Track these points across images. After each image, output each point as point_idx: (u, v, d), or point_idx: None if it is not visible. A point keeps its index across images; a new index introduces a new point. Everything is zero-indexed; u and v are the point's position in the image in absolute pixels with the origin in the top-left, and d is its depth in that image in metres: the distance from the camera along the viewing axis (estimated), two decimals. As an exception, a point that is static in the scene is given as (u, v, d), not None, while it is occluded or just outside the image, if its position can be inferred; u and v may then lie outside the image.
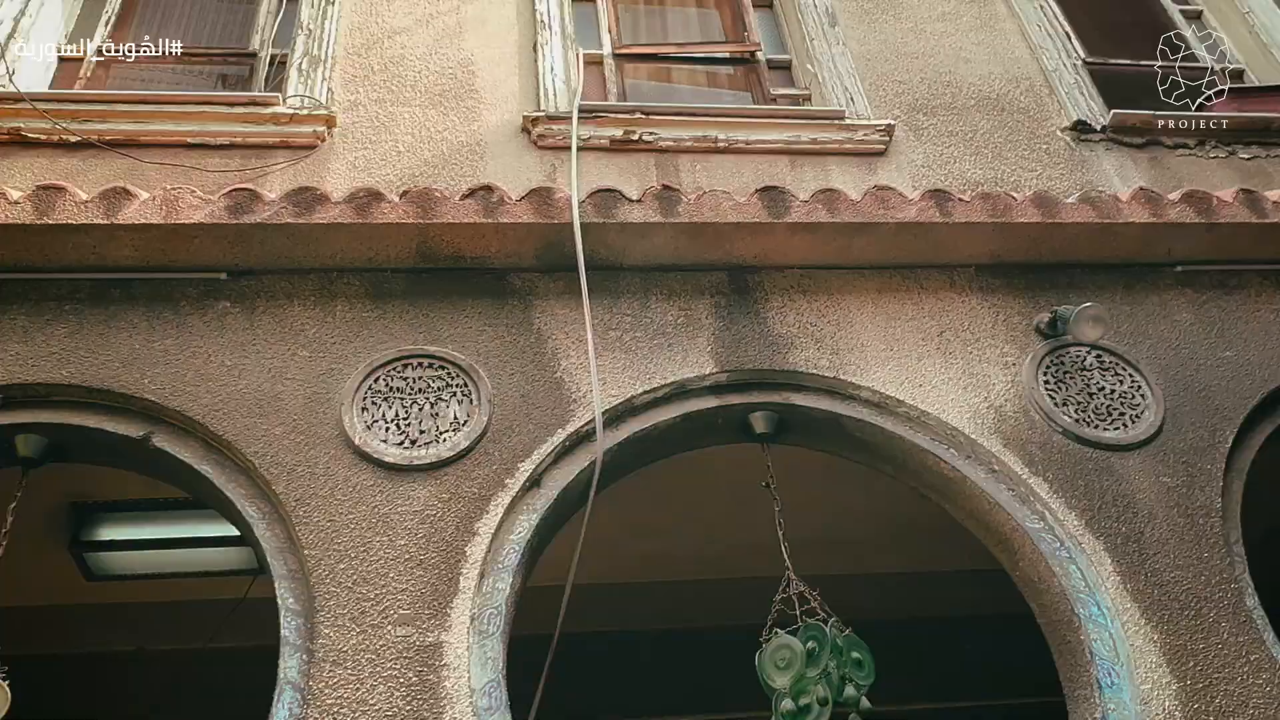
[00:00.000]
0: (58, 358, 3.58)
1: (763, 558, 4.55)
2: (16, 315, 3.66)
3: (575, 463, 3.55)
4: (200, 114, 4.67)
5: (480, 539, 3.29)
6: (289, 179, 4.47)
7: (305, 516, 3.29)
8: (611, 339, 3.82)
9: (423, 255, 3.87)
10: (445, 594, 3.17)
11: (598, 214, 3.89)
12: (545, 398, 3.63)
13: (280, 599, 3.17)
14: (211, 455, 3.47)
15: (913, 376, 3.85)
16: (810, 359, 3.86)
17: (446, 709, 2.95)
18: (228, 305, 3.77)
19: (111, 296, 3.75)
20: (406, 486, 3.39)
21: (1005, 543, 3.62)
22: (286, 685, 3.01)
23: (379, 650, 3.04)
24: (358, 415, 3.52)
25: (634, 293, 3.96)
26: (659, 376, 3.74)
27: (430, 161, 4.69)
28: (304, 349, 3.69)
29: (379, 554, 3.24)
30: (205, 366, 3.61)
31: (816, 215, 3.98)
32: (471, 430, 3.52)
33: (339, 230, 3.77)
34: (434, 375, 3.65)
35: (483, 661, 3.08)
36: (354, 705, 2.95)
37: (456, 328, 3.79)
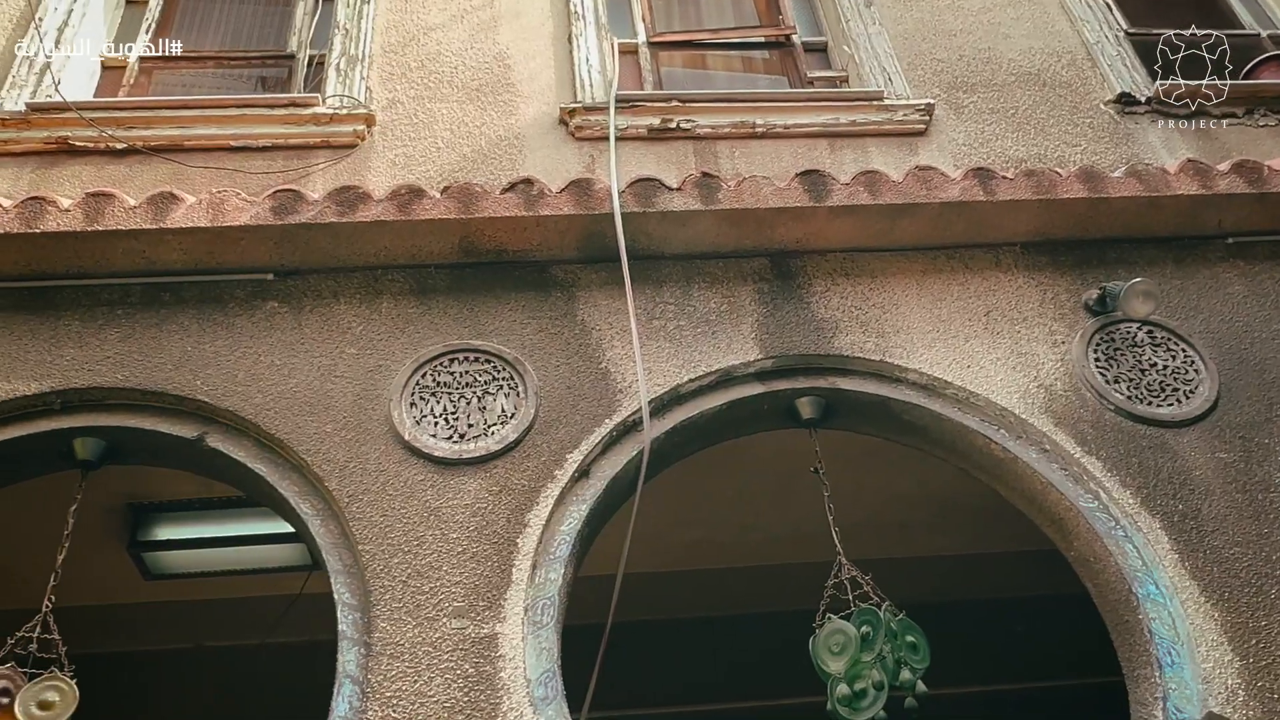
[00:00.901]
0: (112, 361, 3.65)
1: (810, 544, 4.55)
2: (71, 321, 3.73)
3: (623, 453, 3.56)
4: (242, 117, 4.72)
5: (531, 530, 3.32)
6: (331, 178, 4.51)
7: (358, 512, 3.33)
8: (655, 328, 3.82)
9: (465, 250, 3.89)
10: (498, 586, 3.20)
11: (638, 203, 3.88)
12: (591, 389, 3.65)
13: (336, 594, 3.21)
14: (264, 454, 3.52)
15: (960, 357, 3.82)
16: (856, 342, 3.83)
17: (504, 699, 2.98)
18: (275, 305, 3.82)
19: (162, 300, 3.81)
20: (457, 480, 3.41)
21: (1059, 523, 3.58)
22: (346, 679, 3.05)
23: (435, 643, 3.08)
24: (406, 411, 3.55)
25: (676, 281, 3.96)
26: (704, 364, 3.74)
27: (469, 157, 4.71)
28: (351, 346, 3.73)
29: (432, 548, 3.27)
30: (255, 366, 3.65)
31: (858, 198, 3.95)
32: (519, 423, 3.54)
33: (382, 228, 3.81)
34: (480, 369, 3.68)
35: (538, 652, 3.10)
36: (413, 697, 2.98)
37: (501, 321, 3.81)
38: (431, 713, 2.95)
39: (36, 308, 3.75)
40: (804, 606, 3.67)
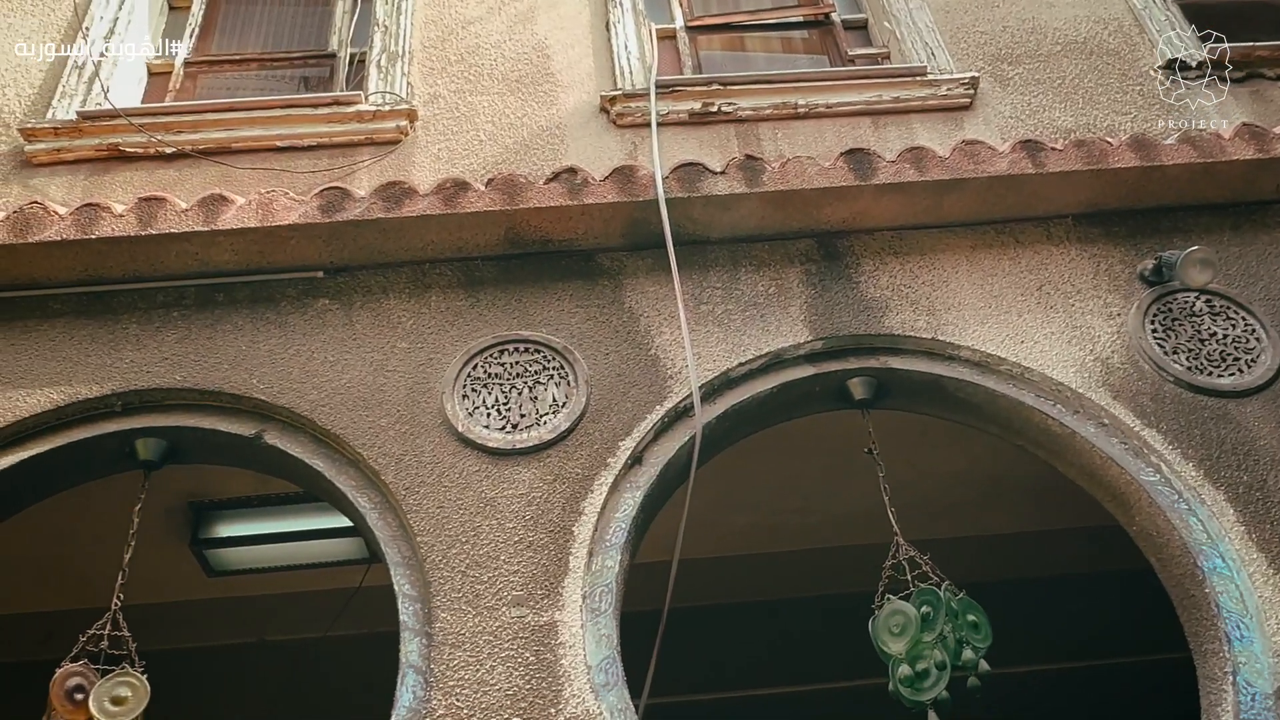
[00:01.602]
0: (170, 363, 3.71)
1: (865, 525, 4.52)
2: (129, 324, 3.80)
3: (675, 438, 3.56)
4: (286, 117, 4.76)
5: (587, 518, 3.33)
6: (376, 175, 4.55)
7: (415, 504, 3.36)
8: (703, 313, 3.81)
9: (511, 241, 3.91)
10: (556, 574, 3.21)
11: (682, 188, 3.87)
12: (642, 375, 3.65)
13: (397, 585, 3.25)
14: (321, 449, 3.57)
15: (1014, 333, 3.77)
16: (906, 321, 3.80)
17: (565, 686, 3.00)
18: (326, 302, 3.86)
19: (215, 300, 3.87)
20: (511, 470, 3.44)
21: (1120, 497, 3.53)
22: (409, 669, 3.08)
23: (496, 631, 3.10)
24: (459, 402, 3.58)
25: (723, 265, 3.95)
26: (753, 348, 3.73)
27: (512, 148, 4.72)
28: (403, 341, 3.76)
29: (489, 537, 3.30)
30: (309, 363, 3.70)
31: (904, 175, 3.91)
32: (571, 411, 3.55)
33: (428, 222, 3.83)
34: (530, 359, 3.69)
35: (597, 638, 3.12)
36: (475, 686, 3.01)
37: (549, 311, 3.82)
38: (494, 701, 2.98)
39: (95, 312, 3.83)
40: (861, 588, 3.66)
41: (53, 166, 4.67)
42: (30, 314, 3.83)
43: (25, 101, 4.96)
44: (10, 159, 4.72)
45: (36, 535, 4.52)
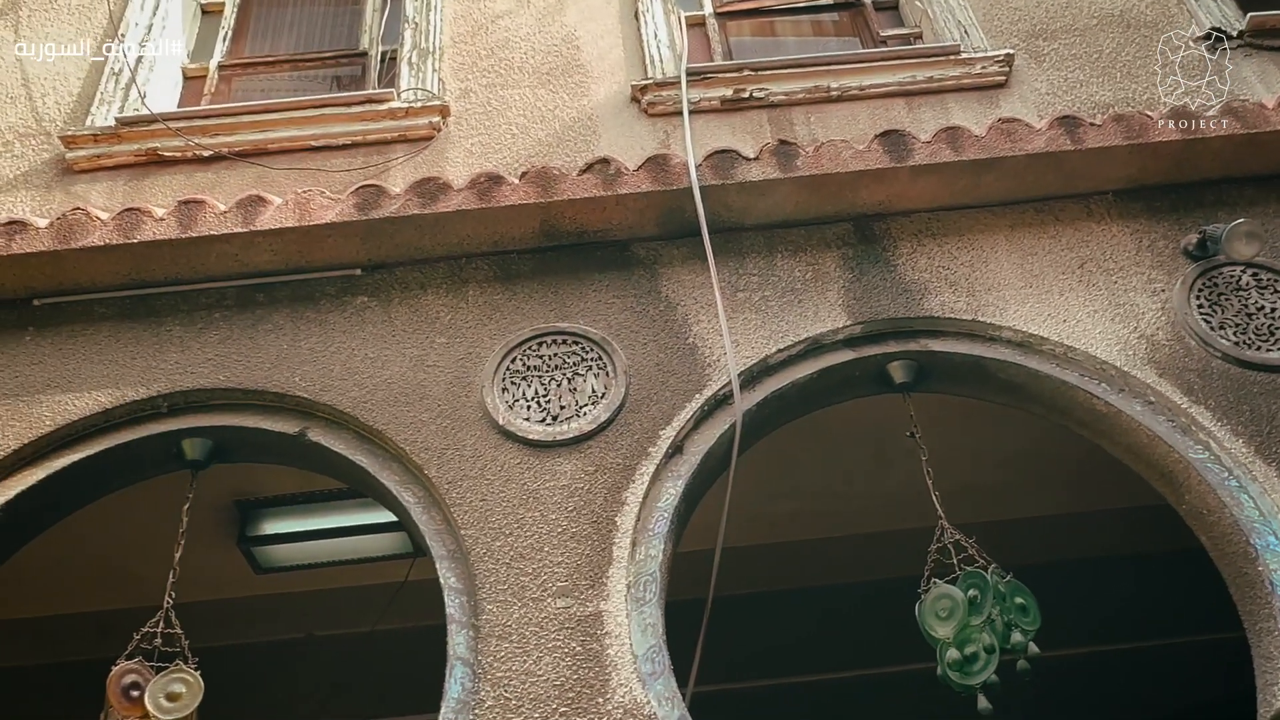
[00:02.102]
0: (213, 363, 3.76)
1: (908, 510, 4.49)
2: (173, 326, 3.85)
3: (715, 426, 3.56)
4: (320, 117, 4.80)
5: (629, 508, 3.33)
6: (410, 171, 4.57)
7: (459, 498, 3.39)
8: (741, 300, 3.80)
9: (546, 234, 3.91)
10: (600, 564, 3.22)
11: (716, 176, 3.86)
12: (680, 364, 3.64)
13: (442, 579, 3.27)
14: (364, 445, 3.60)
15: (1055, 312, 3.73)
16: (946, 303, 3.77)
17: (612, 675, 3.01)
18: (365, 300, 3.89)
19: (256, 301, 3.91)
20: (553, 462, 3.45)
21: (1168, 476, 3.48)
22: (457, 661, 3.11)
23: (542, 622, 3.12)
24: (499, 396, 3.59)
25: (759, 252, 3.93)
26: (791, 334, 3.71)
27: (544, 141, 4.73)
28: (441, 336, 3.78)
29: (532, 529, 3.31)
30: (350, 360, 3.73)
31: (940, 155, 3.87)
32: (610, 402, 3.55)
33: (464, 217, 3.85)
34: (569, 351, 3.70)
35: (642, 628, 3.12)
36: (523, 677, 3.03)
37: (586, 302, 3.83)
38: (542, 691, 3.00)
39: (140, 315, 3.89)
40: (906, 573, 3.64)
41: (93, 173, 4.74)
42: (77, 319, 3.90)
43: (65, 109, 5.04)
44: (52, 166, 4.79)
45: (89, 536, 4.60)
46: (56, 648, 5.60)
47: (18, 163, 4.86)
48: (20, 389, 3.72)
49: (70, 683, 5.38)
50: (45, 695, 5.56)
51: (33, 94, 5.12)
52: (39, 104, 5.08)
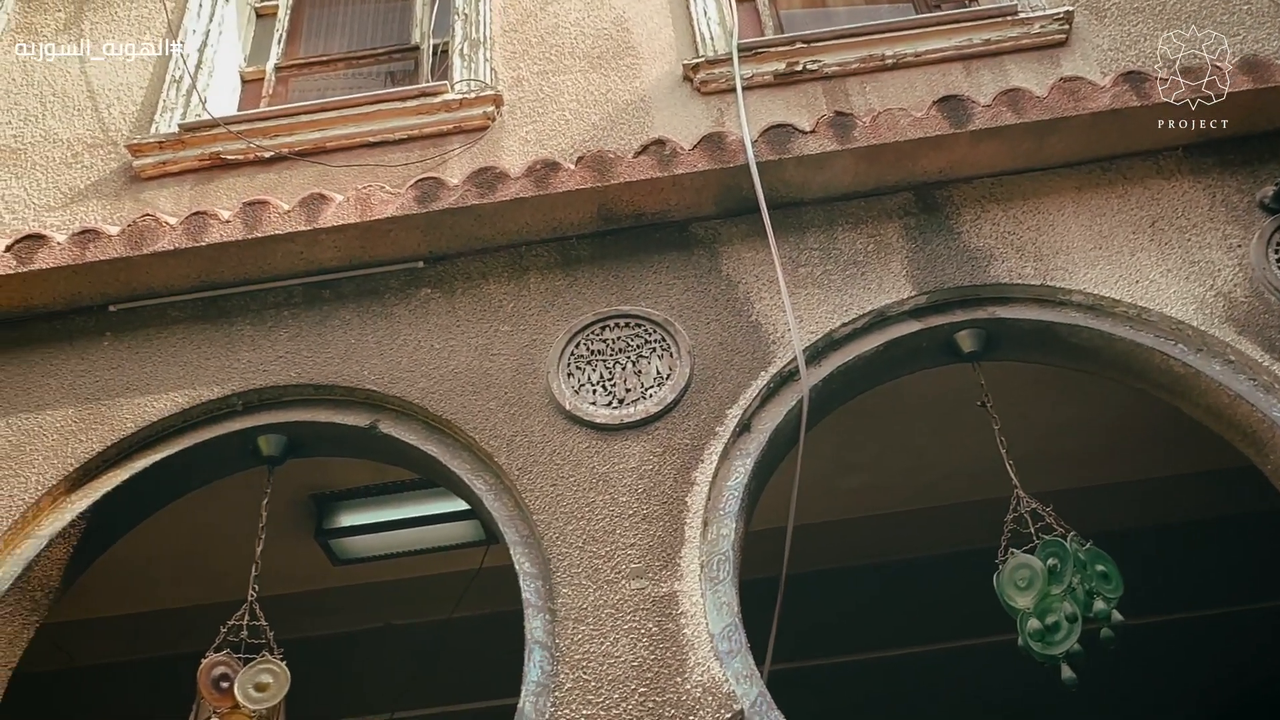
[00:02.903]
0: (284, 361, 3.83)
1: (981, 481, 4.45)
2: (244, 326, 3.93)
3: (782, 404, 3.54)
4: (376, 113, 4.86)
5: (699, 488, 3.34)
6: (467, 162, 4.61)
7: (529, 484, 3.42)
8: (802, 275, 3.77)
9: (604, 218, 3.92)
10: (672, 545, 3.23)
11: (772, 151, 3.84)
12: (744, 342, 3.63)
13: (517, 564, 3.31)
14: (434, 435, 3.64)
15: (1127, 273, 3.65)
16: (1013, 269, 3.71)
17: (689, 655, 3.02)
18: (429, 291, 3.93)
19: (323, 297, 3.98)
20: (620, 445, 3.46)
21: (1251, 436, 3.39)
22: (535, 645, 3.14)
23: (617, 604, 3.14)
24: (564, 381, 3.62)
25: (819, 226, 3.90)
26: (856, 307, 3.68)
27: (598, 125, 4.73)
28: (505, 324, 3.81)
29: (603, 512, 3.33)
30: (417, 352, 3.78)
31: (1002, 119, 3.80)
32: (675, 383, 3.56)
33: (522, 205, 3.87)
34: (632, 334, 3.71)
35: (718, 607, 3.13)
36: (600, 659, 3.05)
37: (647, 285, 3.83)
38: (620, 672, 3.02)
39: (211, 317, 3.97)
40: (981, 545, 3.61)
41: (160, 179, 4.85)
42: (151, 323, 3.99)
43: (130, 119, 5.16)
44: (120, 175, 4.92)
45: (171, 534, 4.72)
46: (145, 644, 5.77)
47: (87, 173, 4.99)
48: (101, 393, 3.83)
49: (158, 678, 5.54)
50: (135, 691, 5.74)
51: (98, 105, 5.25)
52: (104, 114, 5.21)
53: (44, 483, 3.63)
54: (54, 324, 4.03)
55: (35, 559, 3.50)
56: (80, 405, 3.81)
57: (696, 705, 2.93)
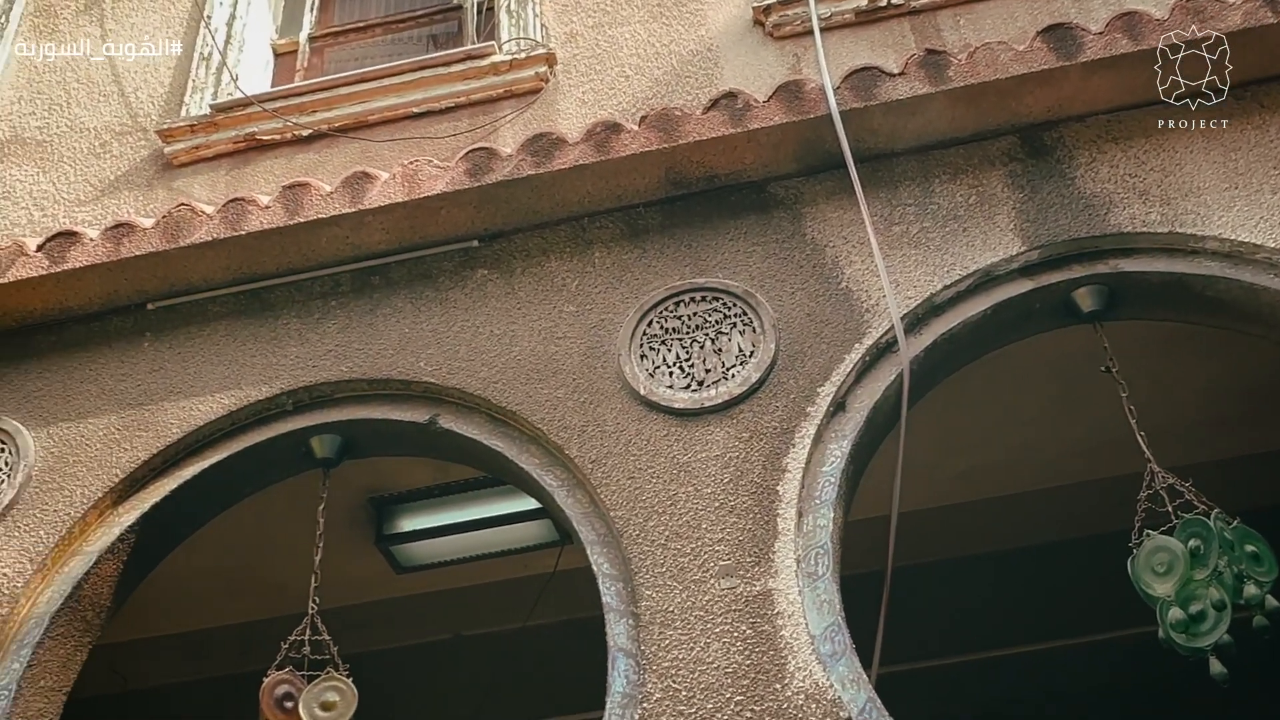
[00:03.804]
0: (334, 355, 3.89)
1: (1107, 456, 4.38)
2: (289, 319, 4.00)
3: (879, 378, 3.50)
4: (419, 81, 4.90)
5: (791, 475, 3.31)
6: (520, 129, 4.63)
7: (604, 477, 3.42)
8: (896, 234, 3.72)
9: (673, 182, 3.90)
10: (764, 538, 3.22)
11: (857, 98, 3.78)
12: (834, 312, 3.59)
13: (595, 565, 3.32)
14: (499, 429, 3.67)
15: (1268, 214, 3.52)
16: (1136, 216, 3.61)
17: (788, 659, 3.01)
18: (485, 273, 3.96)
19: (372, 284, 4.03)
20: (702, 431, 3.45)
21: None
22: (618, 653, 3.15)
23: (706, 606, 3.13)
24: (637, 364, 3.61)
25: (912, 178, 3.84)
26: (958, 267, 3.61)
27: (661, 80, 4.71)
28: (569, 304, 3.82)
29: (686, 505, 3.33)
30: (475, 339, 3.81)
31: (1117, 47, 3.70)
32: (760, 361, 3.53)
33: (582, 172, 3.87)
34: (709, 309, 3.69)
35: (817, 605, 3.11)
36: (691, 665, 3.05)
37: (723, 254, 3.81)
38: (713, 680, 3.02)
39: (254, 311, 4.05)
40: (1110, 528, 3.54)
41: (194, 165, 4.96)
42: (191, 320, 4.08)
43: (158, 102, 5.27)
44: (152, 163, 5.03)
45: (224, 546, 4.84)
46: (203, 663, 5.93)
47: (117, 163, 5.11)
48: (144, 397, 3.92)
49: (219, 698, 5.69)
50: (194, 713, 5.90)
51: (125, 90, 5.36)
52: (132, 99, 5.32)
53: (89, 496, 3.74)
54: (91, 326, 4.14)
55: (84, 577, 3.61)
56: (123, 411, 3.91)
57: (799, 713, 2.91)
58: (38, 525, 3.70)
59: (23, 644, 3.50)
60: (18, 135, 5.36)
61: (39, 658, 3.50)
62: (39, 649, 3.49)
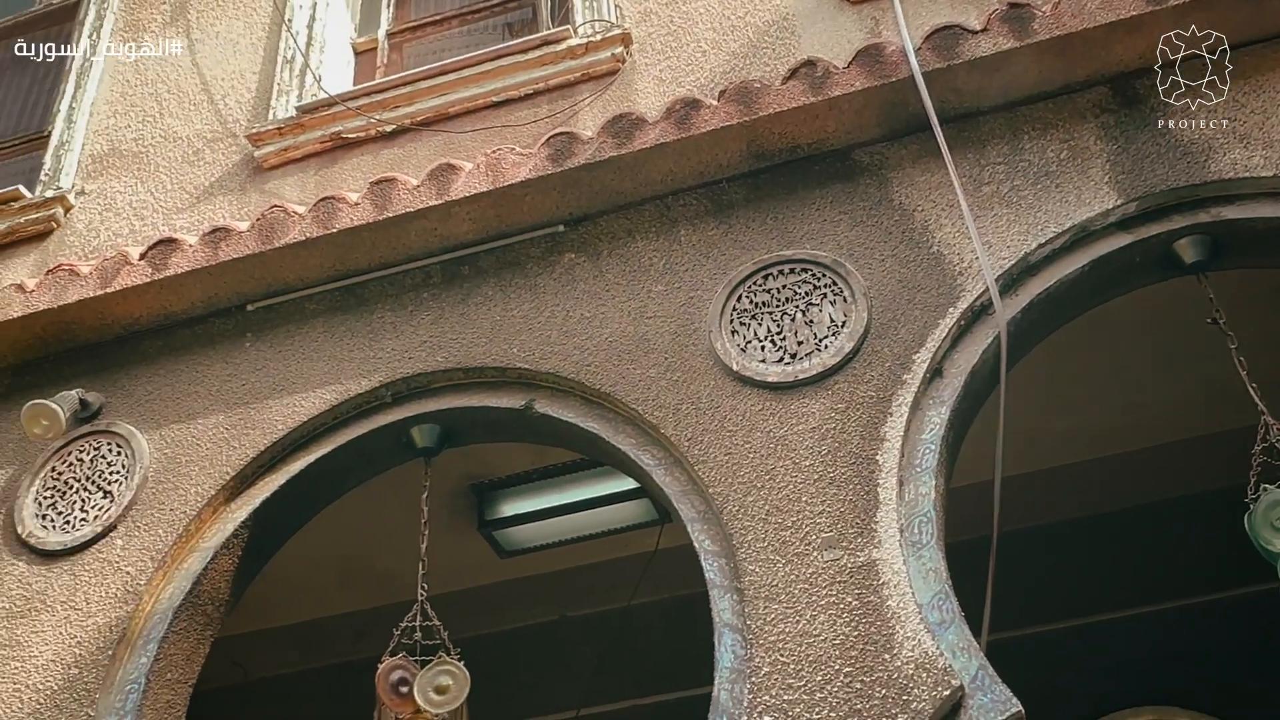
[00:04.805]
0: (429, 345, 3.94)
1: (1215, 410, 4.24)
2: (384, 313, 4.06)
3: (976, 342, 3.43)
4: (497, 70, 4.92)
5: (890, 444, 3.27)
6: (599, 111, 4.62)
7: (701, 454, 3.42)
8: (987, 194, 3.64)
9: (755, 155, 3.87)
10: (866, 509, 3.19)
11: (939, 58, 3.70)
12: (926, 277, 3.53)
13: (696, 542, 3.32)
14: (594, 411, 3.69)
15: (1380, 150, 3.38)
16: (1237, 161, 3.48)
17: (896, 629, 2.98)
18: (572, 257, 3.97)
19: (462, 274, 4.07)
20: (797, 404, 3.43)
21: None
22: (724, 628, 3.15)
23: (810, 579, 3.12)
24: (729, 339, 3.60)
25: (1000, 136, 3.75)
26: (1053, 224, 3.52)
27: (738, 53, 4.67)
28: (657, 284, 3.81)
29: (785, 479, 3.31)
30: (566, 323, 3.82)
31: (1210, -14, 3.56)
32: (853, 330, 3.49)
33: (663, 151, 3.85)
34: (798, 280, 3.66)
35: (923, 574, 3.07)
36: (797, 639, 3.04)
37: (809, 224, 3.77)
38: (821, 652, 3.00)
39: (350, 307, 4.12)
40: (1222, 484, 3.43)
41: (283, 167, 5.06)
42: (290, 319, 4.17)
43: (246, 107, 5.38)
44: (243, 167, 5.14)
45: (332, 538, 4.94)
46: (318, 652, 6.08)
47: (210, 169, 5.23)
48: (248, 396, 4.02)
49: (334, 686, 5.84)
50: (312, 700, 6.06)
51: (213, 97, 5.49)
52: (221, 106, 5.44)
53: (202, 494, 3.85)
54: (195, 329, 4.26)
55: (203, 572, 3.72)
56: (229, 411, 4.01)
57: (910, 683, 2.88)
58: (156, 524, 3.83)
59: (148, 639, 3.63)
60: (115, 148, 5.52)
61: (164, 651, 3.62)
62: (164, 643, 3.62)
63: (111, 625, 3.67)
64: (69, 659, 3.65)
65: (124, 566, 3.77)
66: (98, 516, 3.89)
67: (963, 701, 2.86)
